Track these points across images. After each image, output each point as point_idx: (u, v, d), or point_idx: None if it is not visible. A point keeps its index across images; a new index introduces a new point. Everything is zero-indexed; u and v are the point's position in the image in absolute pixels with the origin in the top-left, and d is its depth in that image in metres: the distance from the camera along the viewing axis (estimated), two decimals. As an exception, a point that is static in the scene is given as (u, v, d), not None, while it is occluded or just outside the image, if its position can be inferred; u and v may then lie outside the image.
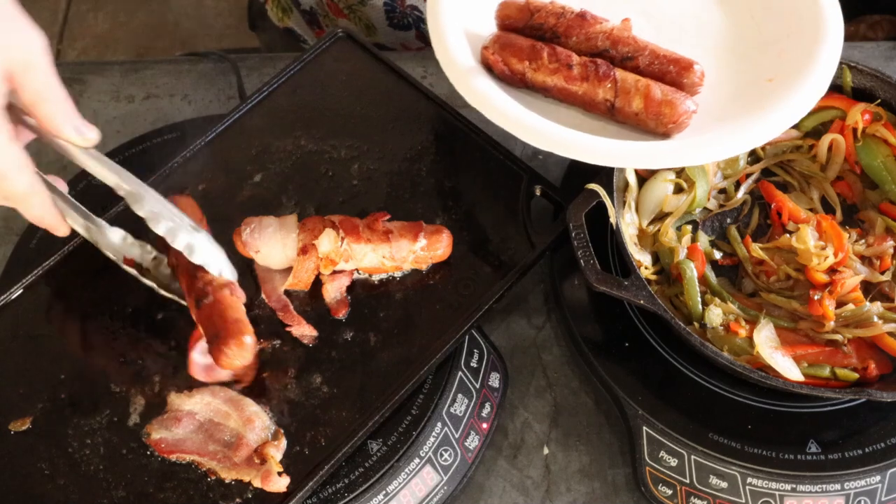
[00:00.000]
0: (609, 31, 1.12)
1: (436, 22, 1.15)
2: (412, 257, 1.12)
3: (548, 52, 1.09)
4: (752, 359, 1.07)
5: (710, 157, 1.06)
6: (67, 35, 3.16)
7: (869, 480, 1.05)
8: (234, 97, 1.41)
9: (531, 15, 1.13)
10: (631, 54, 1.10)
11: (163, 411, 1.04)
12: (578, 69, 1.08)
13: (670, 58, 1.11)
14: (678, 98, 1.07)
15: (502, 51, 1.11)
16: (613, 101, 1.08)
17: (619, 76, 1.08)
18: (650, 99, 1.06)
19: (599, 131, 1.10)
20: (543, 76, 1.10)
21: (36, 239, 1.23)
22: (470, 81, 1.10)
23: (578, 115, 1.13)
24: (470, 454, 1.08)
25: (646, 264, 1.16)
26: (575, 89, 1.09)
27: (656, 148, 1.07)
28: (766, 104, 1.09)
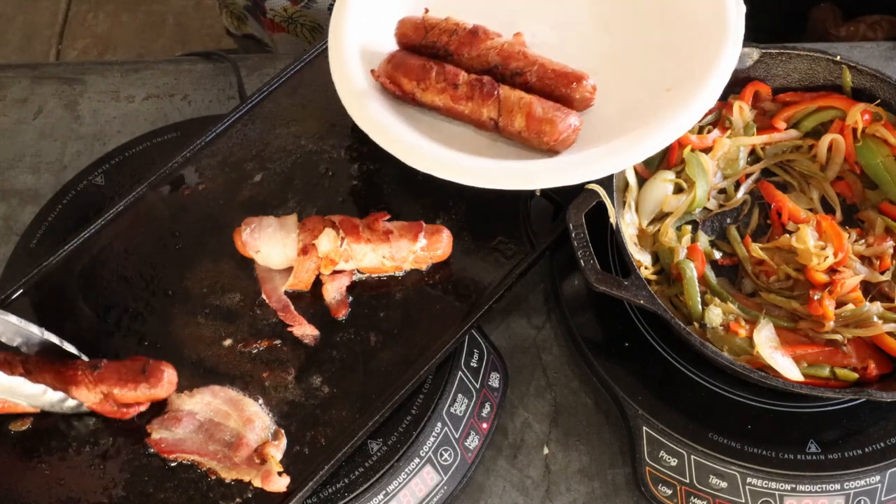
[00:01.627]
0: (500, 47, 1.11)
1: (336, 41, 1.15)
2: (412, 257, 1.12)
3: (436, 72, 1.10)
4: (751, 359, 1.07)
5: (588, 175, 1.05)
6: (67, 35, 3.16)
7: (869, 480, 1.05)
8: (234, 97, 1.41)
9: (426, 33, 1.13)
10: (520, 70, 1.10)
11: (163, 411, 1.04)
12: (464, 88, 1.09)
13: (560, 72, 1.10)
14: (558, 116, 1.06)
15: (395, 70, 1.12)
16: (497, 120, 1.08)
17: (502, 94, 1.08)
18: (531, 117, 1.06)
19: (489, 149, 1.11)
20: (432, 96, 1.11)
21: (36, 239, 1.23)
22: (363, 104, 1.11)
23: (469, 133, 1.13)
24: (470, 454, 1.08)
25: (646, 264, 1.16)
26: (461, 108, 1.10)
27: (537, 167, 1.06)
28: (654, 117, 1.08)
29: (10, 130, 1.40)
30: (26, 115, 1.42)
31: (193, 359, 1.08)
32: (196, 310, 1.12)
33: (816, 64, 1.24)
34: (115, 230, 1.18)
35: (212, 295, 1.13)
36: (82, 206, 1.25)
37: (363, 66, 1.15)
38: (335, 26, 1.17)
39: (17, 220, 1.31)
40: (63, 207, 1.25)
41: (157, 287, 1.13)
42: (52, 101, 1.43)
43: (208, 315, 1.11)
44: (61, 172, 1.35)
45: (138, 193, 1.20)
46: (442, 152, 1.08)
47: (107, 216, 1.18)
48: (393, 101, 1.14)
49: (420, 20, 1.15)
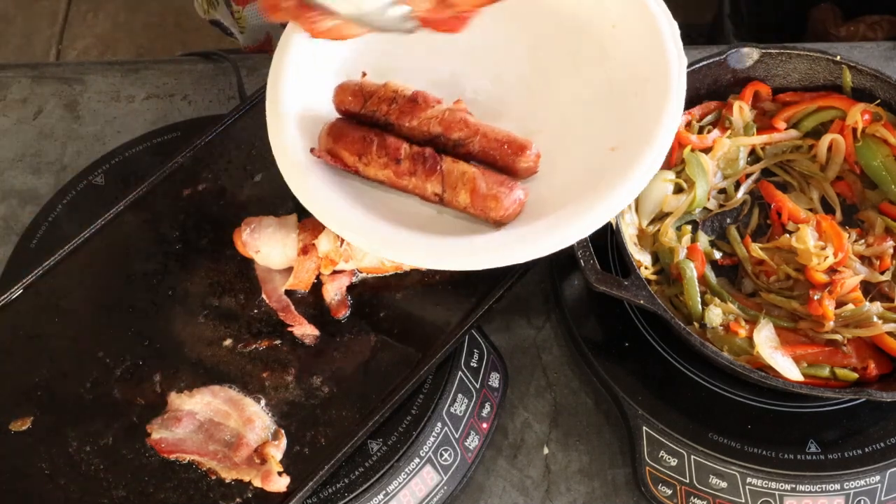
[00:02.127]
0: (441, 116, 1.07)
1: (273, 108, 1.10)
2: None
3: (377, 145, 1.06)
4: (751, 359, 1.07)
5: (535, 254, 1.01)
6: (67, 35, 3.16)
7: (869, 480, 1.05)
8: (234, 97, 1.41)
9: (364, 101, 1.09)
10: (462, 140, 1.07)
11: (163, 411, 1.04)
12: (406, 163, 1.05)
13: (503, 140, 1.06)
14: (503, 192, 1.03)
15: (335, 143, 1.07)
16: (442, 195, 1.05)
17: (445, 169, 1.04)
18: (476, 193, 1.03)
19: (433, 221, 1.07)
20: (374, 170, 1.07)
21: (36, 239, 1.23)
22: (304, 180, 1.06)
23: (415, 205, 1.09)
24: (470, 454, 1.08)
25: (646, 264, 1.16)
26: (405, 183, 1.06)
27: (481, 245, 1.03)
28: (601, 182, 1.04)
29: (10, 130, 1.40)
30: (26, 115, 1.42)
31: (193, 359, 1.08)
32: (196, 310, 1.12)
33: (816, 64, 1.24)
34: (115, 230, 1.18)
35: (212, 295, 1.13)
36: (82, 206, 1.25)
37: (302, 135, 1.09)
38: (272, 92, 1.11)
39: (17, 220, 1.31)
40: (63, 207, 1.25)
41: (158, 287, 1.13)
42: (52, 101, 1.43)
43: (208, 315, 1.11)
44: (61, 172, 1.35)
45: (138, 193, 1.20)
46: (387, 231, 1.03)
47: (107, 216, 1.18)
48: (337, 171, 1.09)
49: (358, 86, 1.10)
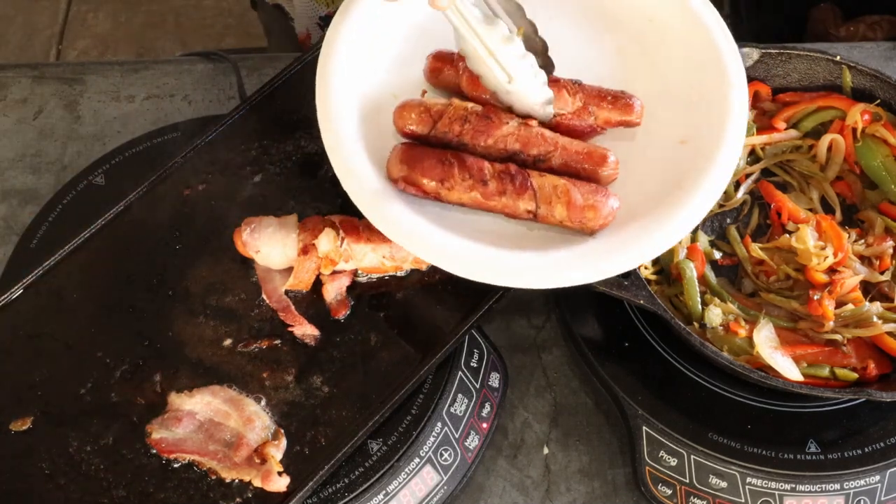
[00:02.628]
0: (517, 133, 1.05)
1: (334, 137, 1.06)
2: (412, 257, 1.12)
3: (458, 167, 1.02)
4: (751, 359, 1.07)
5: (639, 260, 1.01)
6: (67, 35, 3.16)
7: (868, 480, 1.05)
8: (234, 97, 1.41)
9: (434, 123, 1.05)
10: (543, 155, 1.04)
11: (163, 411, 1.04)
12: (494, 184, 1.02)
13: (583, 152, 1.05)
14: (600, 201, 1.01)
15: (410, 170, 1.02)
16: (535, 212, 1.02)
17: (536, 185, 1.02)
18: (572, 205, 1.01)
19: (524, 238, 1.05)
20: (458, 194, 1.03)
21: (36, 239, 1.23)
22: (382, 210, 1.02)
23: (501, 223, 1.06)
24: (470, 454, 1.08)
25: (646, 264, 1.16)
26: (493, 204, 1.03)
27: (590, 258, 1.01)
28: (685, 181, 1.03)
29: (10, 130, 1.40)
30: (26, 115, 1.42)
31: (193, 359, 1.08)
32: (196, 310, 1.12)
33: (816, 64, 1.24)
34: (115, 230, 1.18)
35: (212, 295, 1.13)
36: (82, 206, 1.25)
37: (370, 159, 1.05)
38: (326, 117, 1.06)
39: (17, 220, 1.31)
40: (63, 207, 1.25)
41: (158, 287, 1.13)
42: (52, 101, 1.43)
43: (208, 315, 1.11)
44: (61, 172, 1.35)
45: (138, 193, 1.20)
46: (483, 253, 1.00)
47: (107, 216, 1.18)
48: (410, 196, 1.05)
49: (423, 107, 1.06)
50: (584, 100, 1.07)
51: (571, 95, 1.07)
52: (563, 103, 1.07)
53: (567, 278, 0.99)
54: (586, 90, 1.08)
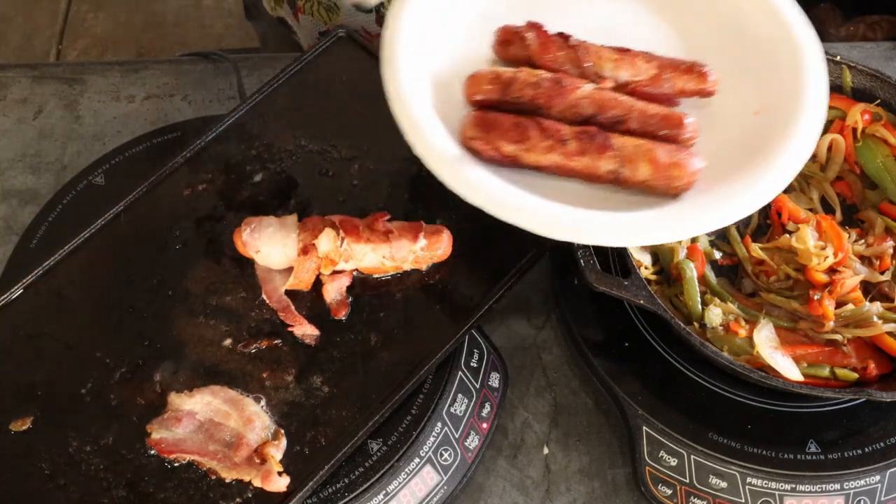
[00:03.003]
0: (591, 96, 1.03)
1: (403, 104, 1.04)
2: (412, 257, 1.12)
3: (536, 129, 1.00)
4: (751, 359, 1.07)
5: (730, 218, 1.00)
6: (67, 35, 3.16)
7: (868, 480, 1.05)
8: (234, 97, 1.41)
9: (505, 88, 1.04)
10: (620, 117, 1.03)
11: (163, 411, 1.04)
12: (574, 143, 0.99)
13: (660, 115, 1.04)
14: (685, 158, 1.00)
15: (487, 134, 1.01)
16: (619, 172, 1.00)
17: (617, 144, 1.00)
18: (657, 163, 0.99)
19: (606, 202, 1.03)
20: (537, 156, 1.01)
21: (36, 239, 1.23)
22: (462, 174, 1.01)
23: (580, 188, 1.04)
24: (470, 454, 1.08)
25: (646, 264, 1.16)
26: (574, 165, 1.01)
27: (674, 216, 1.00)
28: (766, 146, 1.03)
29: (10, 130, 1.40)
30: (26, 115, 1.42)
31: (193, 359, 1.08)
32: (196, 310, 1.12)
33: (816, 64, 1.24)
34: (115, 230, 1.18)
35: (212, 295, 1.13)
36: (82, 206, 1.25)
37: (446, 129, 1.04)
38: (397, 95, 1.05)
39: (17, 220, 1.31)
40: (63, 207, 1.25)
41: (158, 287, 1.13)
42: (52, 101, 1.43)
43: (208, 315, 1.11)
44: (61, 172, 1.35)
45: (138, 193, 1.20)
46: (570, 212, 0.98)
47: (107, 216, 1.18)
48: (488, 165, 1.03)
49: (494, 75, 1.05)
50: (659, 68, 1.07)
51: (646, 62, 1.07)
52: (637, 70, 1.07)
53: (655, 236, 0.99)
54: (660, 60, 1.08)
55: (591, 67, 1.07)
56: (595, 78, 1.07)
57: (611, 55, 1.07)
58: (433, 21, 1.12)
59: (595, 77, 1.07)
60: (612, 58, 1.07)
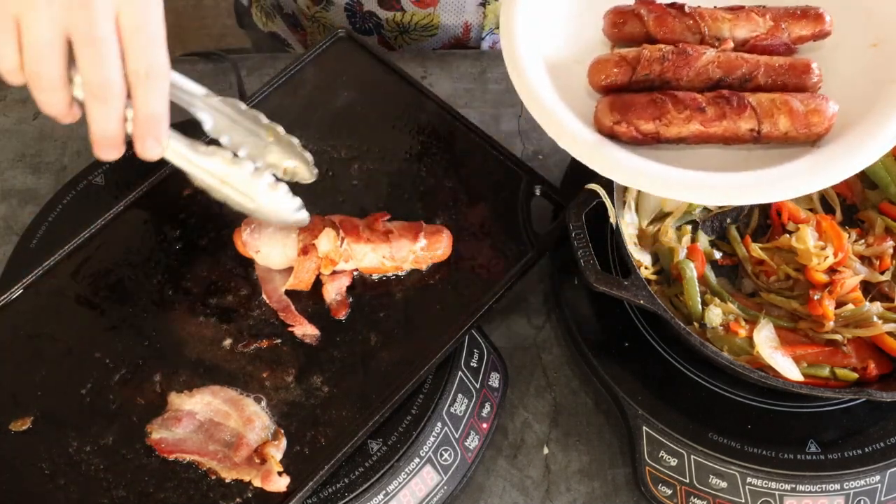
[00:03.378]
0: (717, 60, 1.05)
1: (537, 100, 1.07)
2: (412, 257, 1.12)
3: (672, 102, 1.02)
4: (751, 359, 1.07)
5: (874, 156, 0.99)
6: (67, 35, 3.16)
7: (869, 480, 1.05)
8: (234, 97, 1.41)
9: (633, 69, 1.05)
10: (748, 75, 1.05)
11: (163, 411, 1.04)
12: (712, 109, 1.02)
13: (786, 66, 1.05)
14: (821, 104, 1.01)
15: (624, 116, 1.03)
16: (759, 129, 1.02)
17: (753, 102, 1.02)
18: (795, 114, 1.01)
19: (746, 161, 1.05)
20: (678, 128, 1.03)
21: (36, 239, 1.23)
22: (608, 157, 1.02)
23: (718, 153, 1.06)
24: (470, 454, 1.08)
25: (646, 264, 1.16)
26: (714, 130, 1.03)
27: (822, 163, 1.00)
28: (893, 75, 1.03)
29: (9, 130, 1.40)
30: (26, 115, 1.42)
31: (193, 359, 1.08)
32: (196, 310, 1.12)
33: (817, 64, 1.24)
34: (115, 230, 1.18)
35: (212, 295, 1.13)
36: (82, 206, 1.25)
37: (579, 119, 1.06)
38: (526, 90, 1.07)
39: (17, 220, 1.31)
40: (63, 207, 1.25)
41: (158, 287, 1.13)
42: (52, 101, 1.43)
43: (208, 315, 1.11)
44: (61, 172, 1.35)
45: (138, 193, 1.20)
46: (722, 179, 1.00)
47: (107, 216, 1.18)
48: (626, 145, 1.05)
49: (619, 57, 1.06)
50: (774, 19, 1.09)
51: (761, 16, 1.09)
52: (755, 25, 1.08)
53: (809, 185, 0.99)
54: (772, 10, 1.09)
55: (709, 32, 1.09)
56: (714, 41, 1.09)
57: (726, 15, 1.09)
58: (541, 14, 1.14)
59: (714, 40, 1.09)
60: (727, 18, 1.09)
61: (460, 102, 1.38)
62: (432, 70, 1.45)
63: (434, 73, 1.44)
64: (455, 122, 1.26)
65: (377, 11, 1.51)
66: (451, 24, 1.54)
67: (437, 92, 1.30)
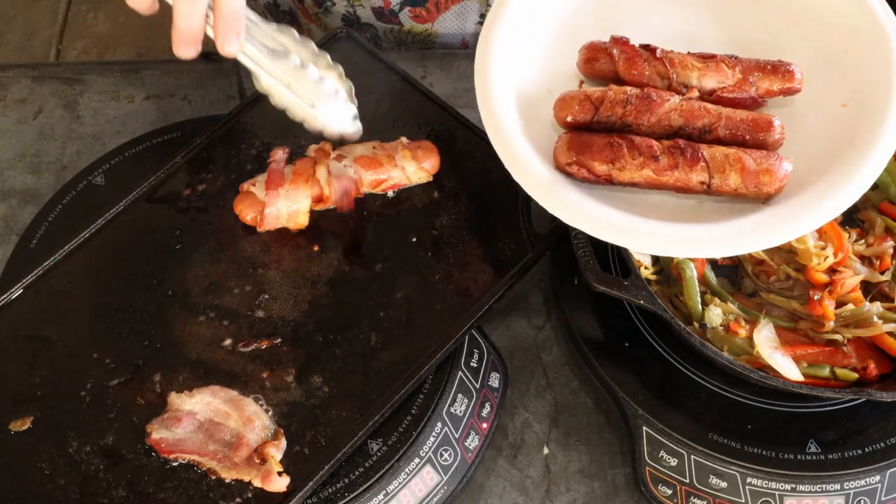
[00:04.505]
0: (680, 107, 1.05)
1: (498, 130, 1.08)
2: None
3: (628, 147, 1.03)
4: (751, 359, 1.07)
5: (826, 217, 1.00)
6: (67, 35, 3.16)
7: (869, 480, 1.05)
8: (234, 97, 1.41)
9: (595, 109, 1.06)
10: (709, 127, 1.05)
11: (163, 411, 1.04)
12: (665, 158, 1.02)
13: (748, 120, 1.05)
14: (774, 164, 1.01)
15: (580, 156, 1.04)
16: (709, 183, 1.02)
17: (707, 155, 1.02)
18: (746, 172, 1.01)
19: (696, 212, 1.06)
20: (630, 173, 1.03)
21: (36, 239, 1.23)
22: (557, 196, 1.04)
23: (670, 200, 1.07)
24: (470, 454, 1.08)
25: (646, 264, 1.16)
26: (666, 179, 1.03)
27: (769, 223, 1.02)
28: (856, 139, 1.03)
29: (10, 130, 1.40)
30: (26, 115, 1.42)
31: (193, 359, 1.08)
32: (196, 310, 1.12)
33: (817, 64, 1.24)
34: (115, 230, 1.18)
35: (212, 295, 1.13)
36: (82, 206, 1.25)
37: (535, 151, 1.07)
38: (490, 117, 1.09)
39: (17, 220, 1.31)
40: (63, 207, 1.25)
41: (158, 287, 1.13)
42: (52, 101, 1.43)
43: (208, 315, 1.11)
44: (61, 172, 1.35)
45: (138, 193, 1.20)
46: (667, 229, 1.02)
47: (107, 216, 1.18)
48: (579, 183, 1.06)
49: (583, 96, 1.07)
50: (743, 71, 1.08)
51: (730, 68, 1.08)
52: (723, 76, 1.08)
53: (749, 245, 1.01)
54: (744, 62, 1.09)
55: (677, 78, 1.09)
56: (681, 88, 1.09)
57: (696, 63, 1.09)
58: (519, 40, 1.14)
59: (682, 87, 1.09)
60: (697, 66, 1.09)
61: (460, 102, 1.38)
62: (432, 70, 1.45)
63: (434, 73, 1.44)
64: (455, 121, 1.26)
65: (374, 23, 1.51)
66: (449, 38, 1.54)
67: (437, 92, 1.30)
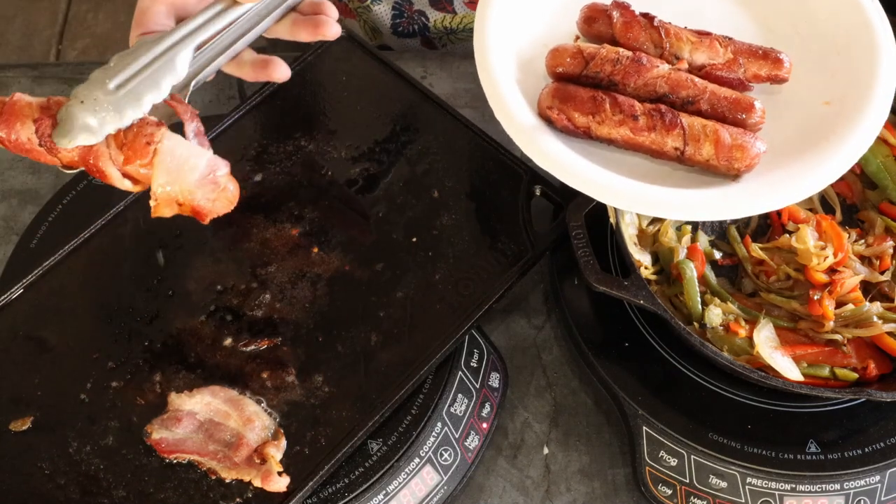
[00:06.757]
0: (667, 75, 1.07)
1: (489, 75, 1.09)
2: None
3: (610, 103, 1.04)
4: (751, 359, 1.07)
5: (788, 200, 1.03)
6: (67, 35, 3.16)
7: (869, 480, 1.05)
8: (234, 97, 1.41)
9: (585, 63, 1.07)
10: (692, 98, 1.06)
11: (163, 411, 1.04)
12: (644, 119, 1.04)
13: (731, 99, 1.07)
14: (748, 141, 1.03)
15: (562, 105, 1.05)
16: (683, 149, 1.04)
17: (685, 123, 1.04)
18: (720, 144, 1.03)
19: (668, 178, 1.07)
20: (608, 129, 1.05)
21: (36, 239, 1.23)
22: (536, 141, 1.05)
23: (645, 163, 1.08)
24: (470, 454, 1.08)
25: (646, 264, 1.16)
26: (642, 140, 1.05)
27: (732, 196, 1.04)
28: (831, 134, 1.06)
29: (10, 130, 1.40)
30: (26, 115, 1.41)
31: (193, 359, 1.08)
32: (196, 310, 1.12)
33: (817, 64, 1.24)
34: (116, 230, 1.18)
35: (212, 295, 1.13)
36: (82, 206, 1.25)
37: (525, 100, 1.09)
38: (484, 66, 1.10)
39: (17, 220, 1.31)
40: (63, 207, 1.25)
41: (158, 287, 1.13)
42: (52, 101, 1.43)
43: (208, 315, 1.11)
44: (61, 172, 1.34)
45: (139, 193, 1.20)
46: (635, 187, 1.03)
47: (107, 216, 1.18)
48: (561, 135, 1.08)
49: (576, 49, 1.09)
50: (735, 52, 1.10)
51: (723, 47, 1.10)
52: (715, 53, 1.10)
53: (710, 213, 1.03)
54: (737, 44, 1.11)
55: (670, 48, 1.10)
56: (672, 59, 1.10)
57: (690, 37, 1.11)
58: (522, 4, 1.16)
59: (673, 58, 1.11)
60: (691, 40, 1.10)
61: (460, 102, 1.38)
62: (432, 70, 1.45)
63: (434, 73, 1.44)
64: (455, 121, 1.26)
65: (427, 11, 1.51)
66: None
67: (437, 92, 1.30)
